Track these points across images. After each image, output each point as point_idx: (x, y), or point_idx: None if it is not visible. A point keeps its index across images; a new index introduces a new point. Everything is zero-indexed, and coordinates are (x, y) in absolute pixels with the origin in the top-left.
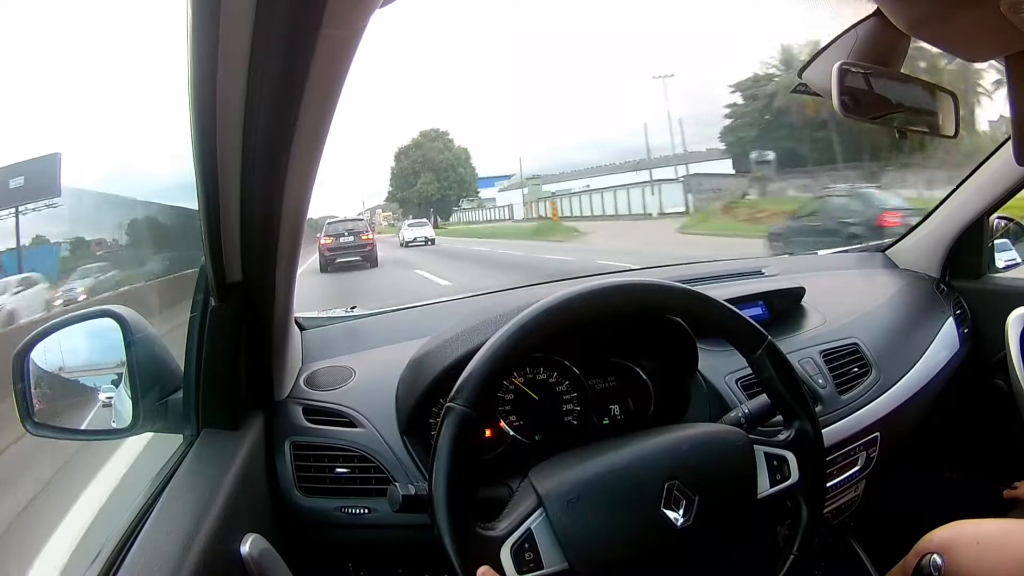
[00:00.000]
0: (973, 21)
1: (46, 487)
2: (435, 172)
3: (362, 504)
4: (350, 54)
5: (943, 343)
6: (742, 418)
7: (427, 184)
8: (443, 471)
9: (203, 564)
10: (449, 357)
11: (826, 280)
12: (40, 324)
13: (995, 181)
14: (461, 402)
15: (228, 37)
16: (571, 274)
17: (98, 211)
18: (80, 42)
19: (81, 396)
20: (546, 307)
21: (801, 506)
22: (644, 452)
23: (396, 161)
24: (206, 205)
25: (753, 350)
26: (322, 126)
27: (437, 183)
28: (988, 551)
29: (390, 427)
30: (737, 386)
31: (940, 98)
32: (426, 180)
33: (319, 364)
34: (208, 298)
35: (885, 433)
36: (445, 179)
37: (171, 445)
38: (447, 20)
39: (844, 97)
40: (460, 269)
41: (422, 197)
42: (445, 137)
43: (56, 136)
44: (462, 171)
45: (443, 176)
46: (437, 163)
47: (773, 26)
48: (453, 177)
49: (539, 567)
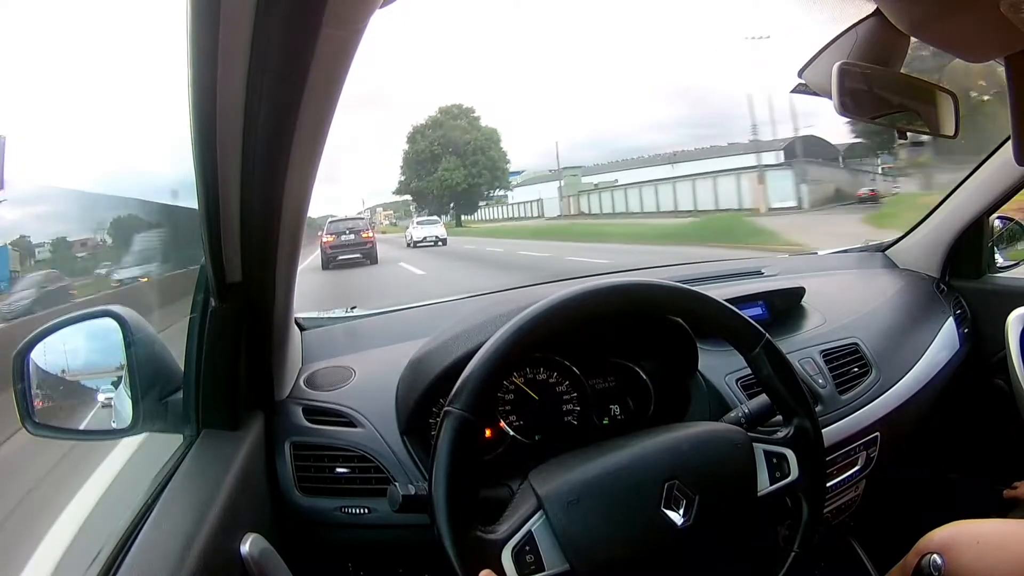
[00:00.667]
0: (973, 21)
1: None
2: (460, 156)
3: (362, 504)
4: (350, 54)
5: (943, 343)
6: (742, 418)
7: (451, 170)
8: (443, 475)
9: (203, 564)
10: (449, 357)
11: (826, 280)
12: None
13: (995, 181)
14: (460, 406)
15: (228, 37)
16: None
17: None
18: (80, 42)
19: (81, 396)
20: (546, 307)
21: (801, 504)
22: (644, 452)
23: (410, 143)
24: (206, 205)
25: (751, 348)
26: (322, 126)
27: (463, 168)
28: (988, 551)
29: (390, 427)
30: (737, 386)
31: (940, 98)
32: (449, 165)
33: (319, 364)
34: (208, 298)
35: (885, 433)
36: (473, 163)
37: (171, 445)
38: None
39: (844, 97)
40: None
41: (444, 186)
42: (470, 114)
43: (55, 135)
44: (493, 154)
45: (470, 160)
46: (461, 145)
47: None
48: (483, 162)
49: (540, 569)
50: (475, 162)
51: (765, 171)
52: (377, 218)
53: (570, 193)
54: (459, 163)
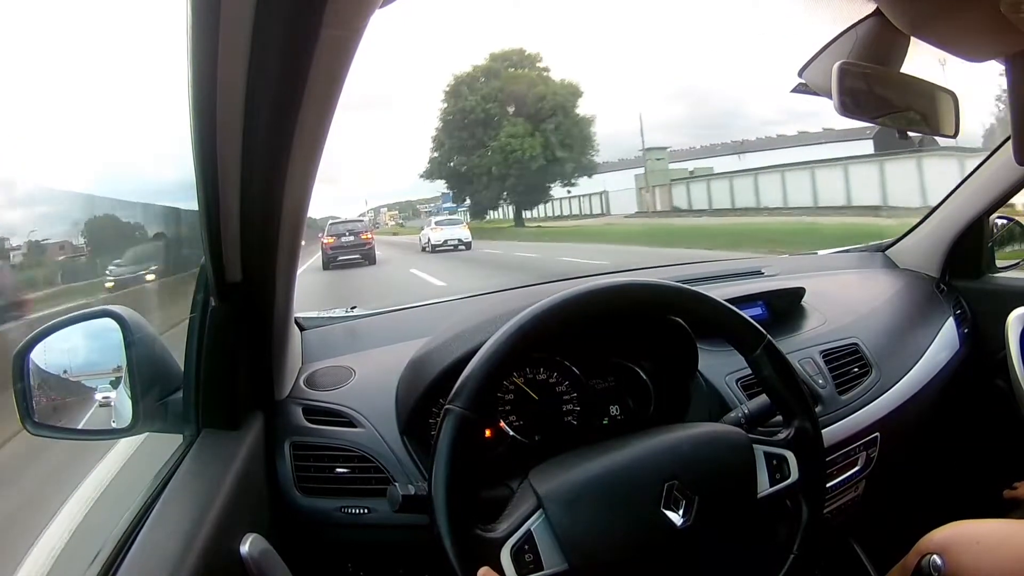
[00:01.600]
0: (973, 21)
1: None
2: (531, 119)
3: (362, 504)
4: (350, 54)
5: (943, 343)
6: (742, 418)
7: (519, 136)
8: (443, 473)
9: (203, 564)
10: (449, 357)
11: (826, 280)
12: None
13: (995, 181)
14: (460, 404)
15: (228, 37)
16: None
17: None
18: (81, 42)
19: (81, 396)
20: (546, 307)
21: (801, 505)
22: (644, 452)
23: (450, 100)
24: (206, 205)
25: (752, 349)
26: (322, 126)
27: (538, 135)
28: (988, 551)
29: (390, 427)
30: (737, 386)
31: (940, 98)
32: (517, 130)
33: (319, 364)
34: (208, 298)
35: (885, 433)
36: (554, 128)
37: (171, 445)
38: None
39: (844, 97)
40: None
41: (509, 161)
42: (536, 62)
43: (54, 135)
44: (579, 117)
45: (548, 125)
46: (532, 103)
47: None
48: (566, 127)
49: (539, 568)
50: (556, 126)
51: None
52: (381, 219)
53: (657, 182)
54: (531, 127)
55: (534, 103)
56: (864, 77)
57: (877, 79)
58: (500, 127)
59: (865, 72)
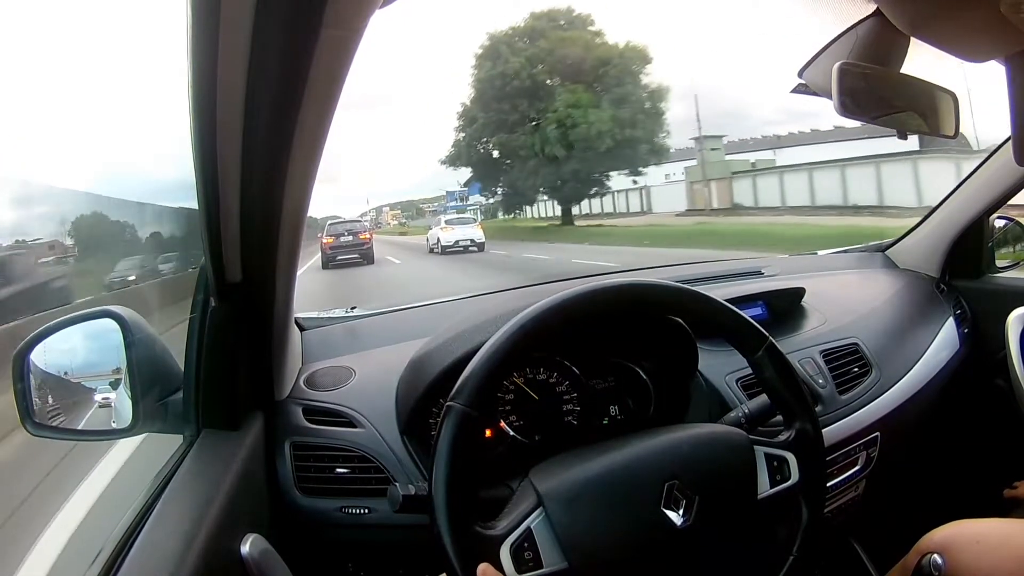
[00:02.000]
0: (973, 21)
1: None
2: (591, 89)
3: (362, 504)
4: (350, 54)
5: (943, 343)
6: (742, 418)
7: (582, 108)
8: (443, 471)
9: (203, 564)
10: (449, 357)
11: (826, 280)
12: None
13: (995, 181)
14: (461, 401)
15: (228, 37)
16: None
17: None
18: (81, 42)
19: (81, 396)
20: (546, 307)
21: (801, 506)
22: (644, 452)
23: (485, 64)
24: (206, 205)
25: (754, 350)
26: (322, 126)
27: (606, 108)
28: (988, 551)
29: (390, 427)
30: (737, 386)
31: (940, 98)
32: (579, 98)
33: (319, 364)
34: (208, 298)
35: (885, 433)
36: (621, 100)
37: (171, 445)
38: None
39: (844, 97)
40: None
41: (574, 138)
42: (587, 23)
43: (53, 135)
44: (648, 85)
45: (612, 96)
46: (589, 69)
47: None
48: (636, 98)
49: (539, 566)
50: (623, 98)
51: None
52: (384, 218)
53: (715, 175)
54: (594, 97)
55: (594, 69)
56: (864, 77)
57: (877, 79)
58: (553, 98)
59: (865, 72)
